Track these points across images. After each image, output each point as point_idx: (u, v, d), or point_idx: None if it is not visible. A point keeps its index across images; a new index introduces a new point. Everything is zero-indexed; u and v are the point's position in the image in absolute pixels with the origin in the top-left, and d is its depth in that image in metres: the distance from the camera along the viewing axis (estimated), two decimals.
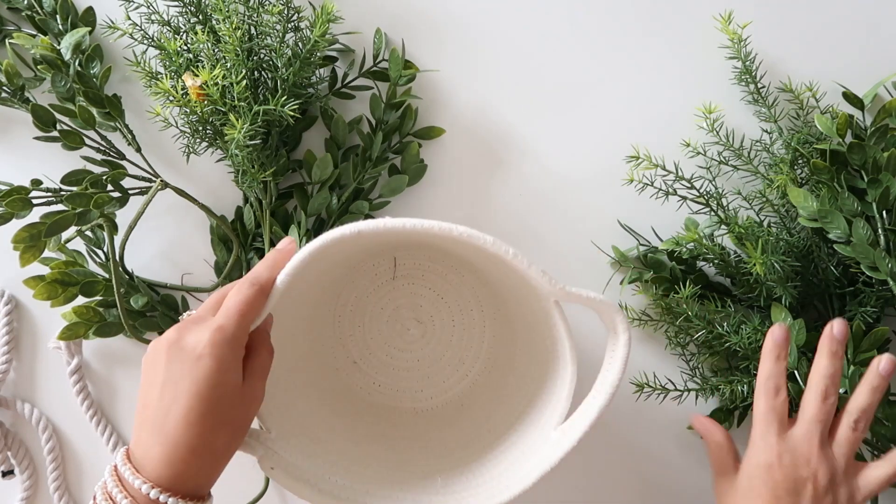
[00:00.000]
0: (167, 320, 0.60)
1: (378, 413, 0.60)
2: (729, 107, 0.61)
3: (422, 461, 0.55)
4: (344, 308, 0.60)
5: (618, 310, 0.46)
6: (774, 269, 0.52)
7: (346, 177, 0.61)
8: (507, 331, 0.59)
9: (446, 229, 0.44)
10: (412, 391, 0.61)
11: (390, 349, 0.61)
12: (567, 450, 0.47)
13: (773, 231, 0.55)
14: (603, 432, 0.62)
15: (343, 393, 0.60)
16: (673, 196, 0.57)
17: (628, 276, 0.60)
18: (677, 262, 0.60)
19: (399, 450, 0.56)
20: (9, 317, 0.62)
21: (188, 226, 0.62)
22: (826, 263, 0.56)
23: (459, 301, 0.60)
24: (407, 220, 0.44)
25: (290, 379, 0.55)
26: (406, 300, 0.61)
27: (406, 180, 0.61)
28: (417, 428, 0.59)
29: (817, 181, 0.55)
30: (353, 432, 0.57)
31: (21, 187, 0.54)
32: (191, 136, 0.55)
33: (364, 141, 0.61)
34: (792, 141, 0.57)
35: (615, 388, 0.46)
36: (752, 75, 0.59)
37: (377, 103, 0.61)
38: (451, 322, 0.61)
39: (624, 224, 0.62)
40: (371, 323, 0.61)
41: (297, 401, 0.55)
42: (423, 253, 0.59)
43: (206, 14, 0.55)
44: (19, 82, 0.58)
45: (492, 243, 0.44)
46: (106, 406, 0.63)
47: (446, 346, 0.61)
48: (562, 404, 0.49)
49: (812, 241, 0.56)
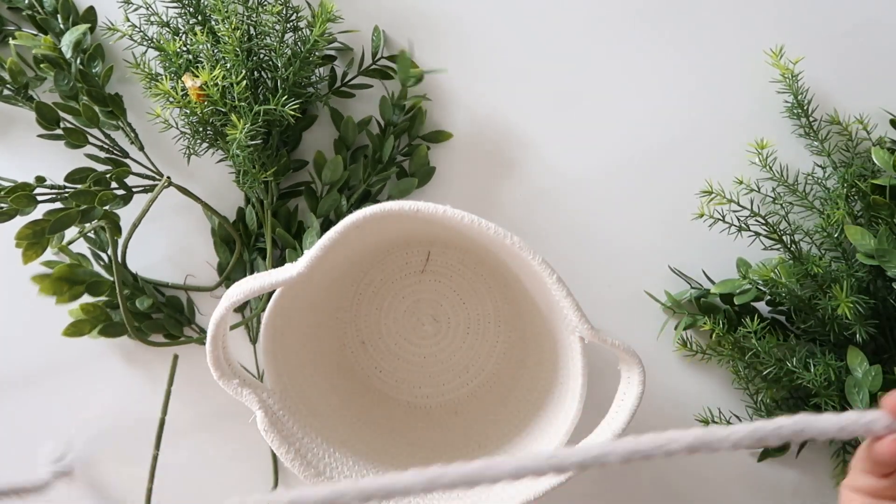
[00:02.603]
0: (173, 322, 0.61)
1: (374, 399, 0.60)
2: (779, 141, 0.60)
3: (407, 457, 0.55)
4: (367, 287, 0.60)
5: (639, 362, 0.46)
6: (858, 309, 0.52)
7: (356, 178, 0.60)
8: (519, 351, 0.59)
9: (500, 234, 0.44)
10: (411, 385, 0.61)
11: (400, 339, 0.62)
12: (554, 485, 0.46)
13: (854, 272, 0.54)
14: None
15: (345, 371, 0.60)
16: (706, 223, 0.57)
17: (682, 322, 0.60)
18: (728, 302, 0.59)
19: (387, 441, 0.57)
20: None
21: (190, 227, 0.63)
22: (884, 295, 0.55)
23: (479, 310, 0.60)
24: (466, 215, 0.44)
25: (302, 345, 0.56)
26: (428, 296, 0.61)
27: (415, 183, 0.61)
28: (408, 423, 0.60)
29: (873, 216, 0.54)
30: (346, 411, 0.57)
31: (25, 184, 0.54)
32: (191, 137, 0.55)
33: (373, 142, 0.60)
34: (846, 175, 0.56)
35: (616, 437, 0.45)
36: (804, 109, 0.58)
37: (387, 105, 0.60)
38: (466, 328, 0.61)
39: (675, 269, 0.61)
40: (388, 309, 0.61)
41: (304, 368, 0.55)
42: (457, 254, 0.59)
43: (205, 15, 0.55)
44: (23, 80, 0.58)
45: (539, 261, 0.44)
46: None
47: (455, 350, 0.61)
48: (559, 438, 0.48)
49: (872, 276, 0.55)
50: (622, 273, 0.62)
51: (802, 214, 0.59)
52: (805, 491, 0.61)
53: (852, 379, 0.53)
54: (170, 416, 0.61)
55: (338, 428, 0.55)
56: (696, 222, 0.58)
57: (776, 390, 0.58)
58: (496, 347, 0.61)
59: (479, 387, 0.61)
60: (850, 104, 0.60)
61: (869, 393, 0.52)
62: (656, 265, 0.62)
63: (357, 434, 0.56)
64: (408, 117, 0.61)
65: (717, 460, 0.62)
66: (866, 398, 0.52)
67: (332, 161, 0.59)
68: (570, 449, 0.32)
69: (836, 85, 0.61)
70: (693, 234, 0.61)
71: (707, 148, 0.61)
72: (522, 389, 0.57)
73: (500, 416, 0.58)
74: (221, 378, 0.48)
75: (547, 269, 0.44)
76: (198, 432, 0.63)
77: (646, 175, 0.62)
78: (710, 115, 0.62)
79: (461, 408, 0.61)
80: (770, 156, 0.59)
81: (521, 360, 0.59)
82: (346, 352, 0.61)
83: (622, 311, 0.62)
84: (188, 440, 0.63)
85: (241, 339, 0.62)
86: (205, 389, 0.61)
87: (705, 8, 0.62)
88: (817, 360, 0.54)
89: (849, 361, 0.53)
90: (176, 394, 0.61)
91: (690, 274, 0.61)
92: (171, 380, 0.59)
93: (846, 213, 0.55)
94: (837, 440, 0.60)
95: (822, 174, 0.59)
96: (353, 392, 0.60)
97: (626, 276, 0.62)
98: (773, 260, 0.56)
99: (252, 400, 0.49)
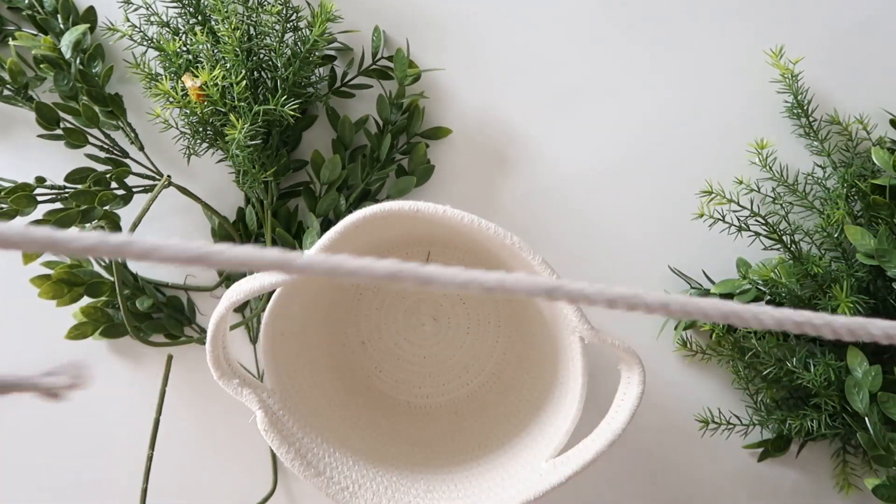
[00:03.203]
0: (173, 322, 0.61)
1: (373, 399, 0.60)
2: (779, 141, 0.60)
3: (407, 456, 0.55)
4: (367, 288, 0.61)
5: (639, 362, 0.46)
6: (858, 310, 0.52)
7: (354, 178, 0.60)
8: (519, 351, 0.59)
9: (500, 235, 0.44)
10: (411, 385, 0.61)
11: (400, 339, 0.62)
12: (555, 484, 0.46)
13: (854, 272, 0.54)
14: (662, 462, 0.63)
15: (345, 371, 0.60)
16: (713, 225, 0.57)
17: (682, 323, 0.60)
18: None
19: (387, 440, 0.57)
20: None
21: (190, 227, 0.63)
22: (884, 295, 0.55)
23: (480, 311, 0.60)
24: (466, 215, 0.44)
25: (302, 344, 0.56)
26: (428, 296, 0.61)
27: (414, 181, 0.61)
28: (408, 422, 0.60)
29: (873, 216, 0.54)
30: (346, 411, 0.57)
31: (26, 184, 0.54)
32: (191, 137, 0.55)
33: (371, 141, 0.60)
34: (846, 175, 0.56)
35: (616, 437, 0.46)
36: (804, 109, 0.58)
37: (384, 104, 0.60)
38: (466, 328, 0.61)
39: (675, 268, 0.61)
40: (389, 309, 0.61)
41: (303, 368, 0.55)
42: (457, 254, 0.59)
43: (204, 15, 0.55)
44: (23, 80, 0.58)
45: (539, 261, 0.44)
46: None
47: (455, 350, 0.61)
48: (559, 437, 0.49)
49: (872, 276, 0.55)
50: (622, 272, 0.62)
51: (802, 214, 0.59)
52: (805, 491, 0.61)
53: (852, 379, 0.53)
54: (171, 416, 0.61)
55: (338, 428, 0.55)
56: (696, 222, 0.58)
57: (776, 390, 0.58)
58: (496, 348, 0.61)
59: (479, 387, 0.61)
60: (850, 104, 0.60)
61: (869, 393, 0.52)
62: (656, 265, 0.62)
63: (357, 434, 0.56)
64: (405, 116, 0.60)
65: (717, 460, 0.62)
66: (866, 398, 0.52)
67: (330, 160, 0.59)
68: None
69: (836, 85, 0.61)
70: (693, 234, 0.61)
71: (707, 148, 0.61)
72: (522, 389, 0.57)
73: (500, 416, 0.58)
74: (221, 378, 0.48)
75: (547, 269, 0.44)
76: (199, 432, 0.63)
77: (646, 174, 0.62)
78: (710, 115, 0.62)
79: (461, 407, 0.61)
80: (770, 156, 0.59)
81: (521, 361, 0.59)
82: (347, 352, 0.61)
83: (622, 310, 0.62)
84: (190, 440, 0.63)
85: (241, 339, 0.62)
86: (206, 389, 0.61)
87: (705, 8, 0.61)
88: (817, 360, 0.54)
89: (849, 361, 0.53)
90: (177, 394, 0.61)
91: (690, 274, 0.61)
92: (166, 380, 0.59)
93: (846, 213, 0.55)
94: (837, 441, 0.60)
95: (822, 174, 0.59)
96: (354, 392, 0.60)
97: (626, 275, 0.62)
98: (773, 260, 0.56)
99: (252, 400, 0.49)
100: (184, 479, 0.63)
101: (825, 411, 0.54)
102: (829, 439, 0.59)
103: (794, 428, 0.56)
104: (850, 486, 0.60)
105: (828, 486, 0.61)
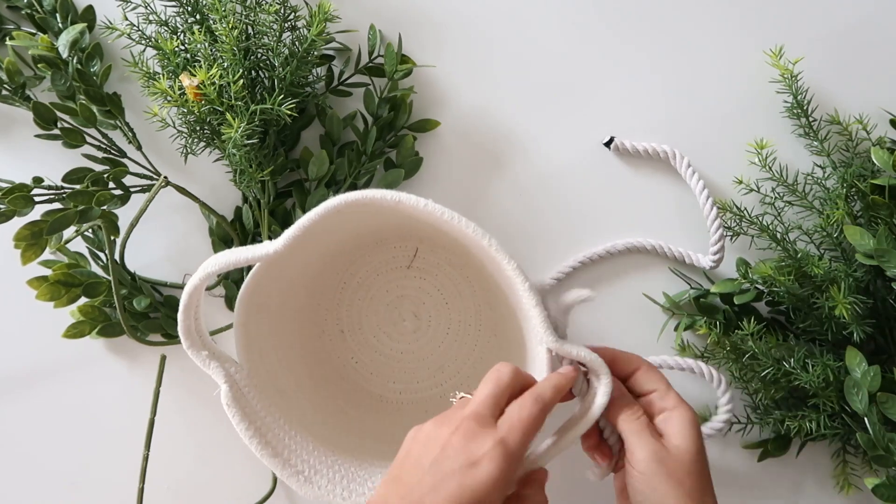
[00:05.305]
0: (170, 322, 0.60)
1: (345, 388, 0.60)
2: (779, 141, 0.60)
3: (369, 449, 0.55)
4: (352, 278, 0.60)
5: (607, 372, 0.44)
6: (855, 310, 0.52)
7: (342, 172, 0.60)
8: (496, 357, 0.59)
9: (479, 234, 0.44)
10: (385, 379, 0.61)
11: (379, 333, 0.61)
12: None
13: (853, 272, 0.54)
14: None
15: (320, 357, 0.60)
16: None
17: (682, 325, 0.60)
18: (728, 302, 0.59)
19: (352, 431, 0.56)
20: None
21: (188, 226, 0.63)
22: (884, 295, 0.55)
23: (462, 312, 0.60)
24: (446, 210, 0.44)
25: (277, 325, 0.55)
26: (412, 292, 0.61)
27: (402, 174, 0.61)
28: (377, 416, 0.59)
29: (873, 216, 0.54)
30: (314, 397, 0.57)
31: (23, 185, 0.54)
32: (188, 136, 0.55)
33: (358, 136, 0.60)
34: (846, 175, 0.56)
35: (570, 444, 0.44)
36: (804, 109, 0.58)
37: (371, 98, 0.60)
38: (447, 329, 0.61)
39: (674, 269, 0.61)
40: (371, 301, 0.61)
41: (277, 348, 0.55)
42: (444, 254, 0.59)
43: (203, 14, 0.54)
44: (20, 80, 0.58)
45: (514, 267, 0.43)
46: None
47: (433, 349, 0.61)
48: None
49: (872, 276, 0.55)
50: (622, 273, 0.62)
51: (802, 214, 0.59)
52: (805, 491, 0.61)
53: (851, 379, 0.52)
54: (171, 415, 0.61)
55: (304, 411, 0.54)
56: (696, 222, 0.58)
57: (774, 391, 0.58)
58: (474, 351, 0.61)
59: (451, 388, 0.61)
60: (849, 104, 0.60)
61: (868, 393, 0.51)
62: (656, 265, 0.62)
63: (322, 419, 0.55)
64: (391, 109, 0.60)
65: (717, 460, 0.61)
66: (865, 398, 0.51)
67: (318, 156, 0.59)
68: None
69: (835, 85, 0.61)
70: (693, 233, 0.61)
71: (707, 148, 0.61)
72: None
73: None
74: (191, 348, 0.48)
75: (520, 275, 0.43)
76: (199, 432, 0.63)
77: (645, 174, 0.62)
78: (709, 115, 0.61)
79: (432, 407, 0.60)
80: (770, 156, 0.59)
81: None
82: (325, 338, 0.61)
83: (622, 310, 0.62)
84: (189, 440, 0.63)
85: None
86: (205, 389, 0.60)
87: (705, 8, 0.61)
88: (815, 360, 0.54)
89: (847, 361, 0.53)
90: (175, 393, 0.61)
91: (690, 274, 0.61)
92: (160, 380, 0.59)
93: (845, 212, 0.54)
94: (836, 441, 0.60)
95: (822, 174, 0.59)
96: (326, 379, 0.59)
97: (626, 275, 0.62)
98: (772, 260, 0.56)
99: (219, 373, 0.48)
100: (183, 479, 0.63)
101: (824, 412, 0.54)
102: (829, 439, 0.59)
103: (792, 428, 0.55)
104: (850, 486, 0.60)
105: (828, 486, 0.61)
